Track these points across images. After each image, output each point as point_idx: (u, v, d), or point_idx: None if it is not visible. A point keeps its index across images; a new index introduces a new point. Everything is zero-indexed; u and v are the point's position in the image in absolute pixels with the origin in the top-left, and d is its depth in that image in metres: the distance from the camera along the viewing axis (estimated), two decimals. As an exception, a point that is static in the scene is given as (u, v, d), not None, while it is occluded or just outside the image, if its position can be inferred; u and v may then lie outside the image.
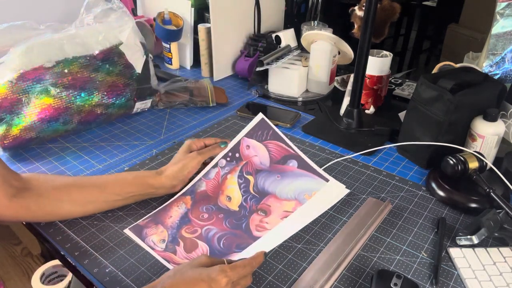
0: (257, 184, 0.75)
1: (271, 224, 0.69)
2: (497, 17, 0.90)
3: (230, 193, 0.75)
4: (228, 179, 0.76)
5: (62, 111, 0.89)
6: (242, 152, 0.77)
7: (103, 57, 0.93)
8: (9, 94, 0.83)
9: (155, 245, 0.66)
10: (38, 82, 0.85)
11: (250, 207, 0.72)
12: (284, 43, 1.26)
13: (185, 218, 0.71)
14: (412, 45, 3.32)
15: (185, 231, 0.69)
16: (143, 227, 0.69)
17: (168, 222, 0.70)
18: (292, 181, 0.74)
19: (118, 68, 0.96)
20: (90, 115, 0.94)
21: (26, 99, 0.84)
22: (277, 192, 0.73)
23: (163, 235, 0.68)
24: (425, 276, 0.61)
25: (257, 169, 0.76)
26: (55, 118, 0.89)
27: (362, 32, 0.88)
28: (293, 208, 0.71)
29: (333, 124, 1.01)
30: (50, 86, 0.86)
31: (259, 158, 0.76)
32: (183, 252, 0.65)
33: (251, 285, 0.59)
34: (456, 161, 0.74)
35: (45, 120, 0.87)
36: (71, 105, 0.90)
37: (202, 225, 0.70)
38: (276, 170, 0.76)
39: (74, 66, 0.89)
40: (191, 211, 0.72)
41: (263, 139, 0.77)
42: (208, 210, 0.72)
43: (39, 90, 0.85)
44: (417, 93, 0.84)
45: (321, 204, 0.72)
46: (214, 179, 0.76)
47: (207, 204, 0.73)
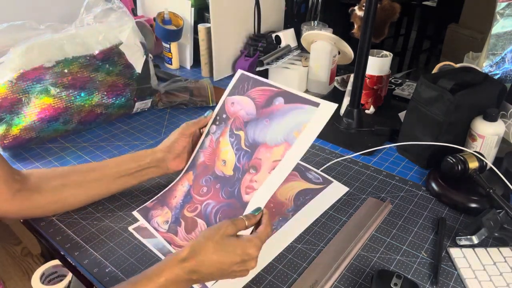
0: (248, 137, 0.71)
1: (259, 182, 0.65)
2: (497, 17, 0.90)
3: (225, 156, 0.72)
4: (221, 142, 0.74)
5: (62, 111, 0.89)
6: (228, 111, 0.75)
7: (103, 57, 0.93)
8: (9, 94, 0.83)
9: (159, 226, 0.69)
10: (38, 82, 0.85)
11: (243, 166, 0.69)
12: (284, 43, 1.26)
13: (188, 196, 0.72)
14: (412, 45, 3.32)
15: (187, 210, 0.70)
16: (150, 209, 0.72)
17: (173, 202, 0.72)
18: (281, 119, 0.69)
19: (118, 68, 0.96)
20: (90, 115, 0.94)
21: (26, 99, 0.84)
22: (267, 139, 0.69)
23: (167, 216, 0.70)
24: (425, 276, 0.61)
25: (245, 121, 0.72)
26: (55, 118, 0.89)
27: (362, 32, 0.88)
28: (282, 154, 0.66)
29: (333, 124, 1.01)
30: (50, 86, 0.86)
31: (245, 111, 0.73)
32: (184, 233, 0.66)
33: (251, 285, 0.59)
34: (456, 161, 0.74)
35: (45, 120, 0.87)
36: (71, 105, 0.90)
37: (202, 201, 0.70)
38: (263, 115, 0.71)
39: (74, 66, 0.89)
40: (193, 187, 0.73)
41: (245, 91, 0.75)
42: (207, 182, 0.72)
43: (39, 90, 0.85)
44: (417, 93, 0.84)
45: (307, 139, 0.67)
46: (209, 147, 0.75)
47: (206, 175, 0.73)
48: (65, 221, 0.71)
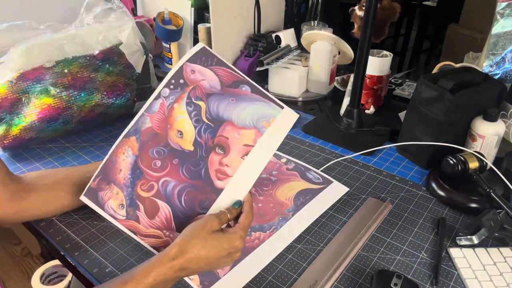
0: (210, 110, 0.65)
1: (232, 168, 0.62)
2: (497, 17, 0.90)
3: (180, 126, 0.64)
4: (175, 109, 0.64)
5: (62, 111, 0.89)
6: (186, 77, 0.66)
7: (103, 57, 0.93)
8: (9, 94, 0.83)
9: (116, 212, 0.62)
10: (38, 82, 0.85)
11: (206, 142, 0.64)
12: (284, 43, 1.26)
13: (136, 170, 0.63)
14: (412, 45, 3.32)
15: (140, 188, 0.62)
16: (96, 189, 0.62)
17: (119, 178, 0.62)
18: (248, 104, 0.66)
19: (118, 68, 0.96)
20: (90, 115, 0.94)
21: (26, 99, 0.84)
22: (234, 118, 0.65)
23: (120, 198, 0.62)
24: (425, 276, 0.61)
25: (207, 93, 0.65)
26: (55, 118, 0.89)
27: (362, 32, 0.88)
28: (253, 140, 0.64)
29: (333, 124, 1.01)
30: (50, 86, 0.86)
31: (207, 82, 0.66)
32: (146, 219, 0.61)
33: (251, 285, 0.59)
34: (456, 161, 0.74)
35: (45, 120, 0.87)
36: (71, 105, 0.90)
37: (157, 177, 0.62)
38: (229, 93, 0.66)
39: (74, 66, 0.89)
40: (141, 158, 0.63)
41: (208, 65, 0.67)
42: (160, 154, 0.63)
43: (39, 90, 0.85)
44: (417, 93, 0.84)
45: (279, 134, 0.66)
46: (159, 112, 0.64)
47: (156, 145, 0.63)
48: (65, 221, 0.71)
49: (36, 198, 0.66)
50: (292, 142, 0.95)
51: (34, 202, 0.66)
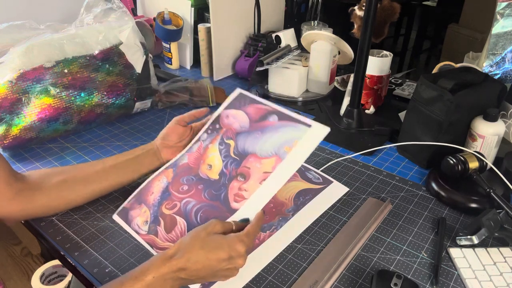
0: (238, 146, 0.72)
1: (249, 192, 0.65)
2: (497, 17, 0.90)
3: (211, 161, 0.73)
4: (209, 149, 0.74)
5: (62, 111, 0.89)
6: (222, 123, 0.77)
7: (103, 57, 0.93)
8: (9, 94, 0.83)
9: (140, 228, 0.68)
10: (38, 82, 0.85)
11: (230, 172, 0.70)
12: (284, 43, 1.26)
13: (166, 193, 0.71)
14: (412, 45, 3.32)
15: (165, 207, 0.69)
16: (128, 209, 0.71)
17: (150, 199, 0.71)
18: (273, 134, 0.71)
19: (118, 68, 0.96)
20: (90, 115, 0.94)
21: (26, 99, 0.85)
22: (257, 150, 0.70)
23: (146, 215, 0.69)
24: (425, 276, 0.61)
25: (237, 133, 0.74)
26: (55, 118, 0.89)
27: (362, 32, 0.88)
28: (273, 166, 0.67)
29: (333, 124, 1.01)
30: (50, 86, 0.86)
31: (238, 123, 0.74)
32: (164, 233, 0.66)
33: (251, 285, 0.59)
34: (456, 161, 0.74)
35: (45, 120, 0.87)
36: (71, 105, 0.90)
37: (181, 198, 0.69)
38: (256, 128, 0.73)
39: (74, 66, 0.89)
40: (172, 184, 0.72)
41: (241, 107, 0.76)
42: (189, 181, 0.71)
43: (39, 90, 0.85)
44: (417, 93, 0.84)
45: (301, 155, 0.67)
46: (196, 152, 0.75)
47: (188, 175, 0.72)
48: (65, 221, 0.71)
49: (41, 197, 0.66)
50: (292, 142, 0.95)
51: (39, 201, 0.66)
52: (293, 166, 0.66)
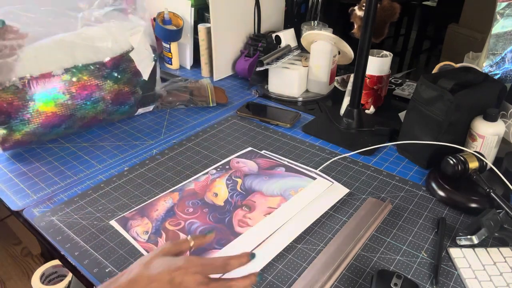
0: (245, 184, 0.79)
1: (254, 220, 0.70)
2: (497, 17, 0.90)
3: (217, 190, 0.77)
4: (216, 181, 0.80)
5: (66, 118, 0.88)
6: (232, 165, 0.85)
7: (112, 65, 0.91)
8: (15, 100, 0.81)
9: (138, 236, 0.67)
10: (45, 90, 0.83)
11: (235, 202, 0.74)
12: (284, 43, 1.26)
13: (171, 212, 0.73)
14: (412, 45, 3.32)
15: (169, 223, 0.70)
16: (128, 219, 0.71)
17: (153, 215, 0.72)
18: (279, 180, 0.79)
19: (126, 76, 0.94)
20: (92, 121, 0.94)
21: (31, 106, 0.83)
22: (264, 189, 0.77)
23: (147, 226, 0.69)
24: (425, 276, 0.61)
25: (245, 174, 0.82)
26: (58, 125, 0.88)
27: (362, 32, 0.88)
28: (278, 204, 0.73)
29: (333, 124, 1.01)
30: (57, 95, 0.84)
31: (248, 168, 0.84)
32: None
33: (252, 286, 0.59)
34: (456, 161, 0.74)
35: (48, 126, 0.87)
36: (75, 113, 0.89)
37: (186, 219, 0.71)
38: (264, 174, 0.82)
39: (83, 75, 0.87)
40: (177, 205, 0.74)
41: (251, 158, 0.87)
42: (194, 204, 0.74)
43: (46, 98, 0.84)
44: (417, 93, 0.84)
45: (306, 199, 0.74)
46: (203, 182, 0.80)
47: (193, 199, 0.76)
48: (65, 221, 0.71)
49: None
50: (292, 142, 0.95)
51: None
52: (297, 206, 0.72)
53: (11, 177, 0.83)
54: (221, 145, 0.94)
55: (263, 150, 0.90)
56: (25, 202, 0.76)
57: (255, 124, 1.03)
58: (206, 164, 0.87)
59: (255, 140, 0.96)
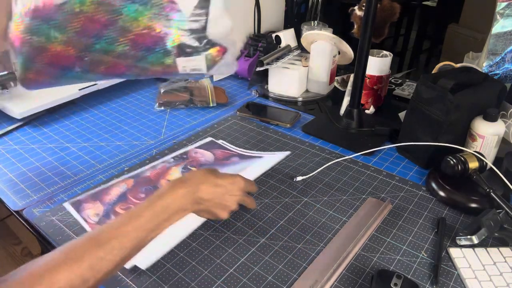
0: None
1: None
2: (497, 17, 0.90)
3: (171, 177, 0.81)
4: (172, 170, 0.84)
5: (76, 60, 0.68)
6: (189, 155, 0.89)
7: None
8: (18, 34, 0.65)
9: (89, 218, 0.71)
10: (45, 22, 0.64)
11: None
12: (284, 43, 1.26)
13: (123, 197, 0.76)
14: (412, 45, 3.32)
15: (119, 207, 0.73)
16: (82, 201, 0.75)
17: (106, 199, 0.75)
18: (231, 166, 0.85)
19: (154, 9, 0.68)
20: (116, 67, 0.71)
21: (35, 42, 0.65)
22: None
23: (99, 209, 0.73)
24: (425, 276, 0.61)
25: (201, 164, 0.86)
26: (69, 67, 0.69)
27: (362, 32, 0.88)
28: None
29: (333, 124, 1.01)
30: (55, 30, 0.65)
31: (204, 158, 0.88)
32: None
33: (251, 285, 0.59)
34: (456, 161, 0.74)
35: (57, 67, 0.68)
36: (85, 54, 0.68)
37: (136, 203, 0.74)
38: (218, 163, 0.86)
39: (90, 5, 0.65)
40: (130, 191, 0.78)
41: (209, 149, 0.91)
42: (147, 190, 0.78)
43: (46, 33, 0.65)
44: (417, 93, 0.84)
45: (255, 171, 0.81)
46: (159, 169, 0.84)
47: (147, 185, 0.79)
48: (65, 221, 0.71)
49: None
50: (292, 142, 0.95)
51: None
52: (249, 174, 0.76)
53: (11, 177, 0.83)
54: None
55: (220, 140, 0.94)
56: (25, 202, 0.76)
57: (255, 124, 1.03)
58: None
59: (255, 140, 0.96)
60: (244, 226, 0.70)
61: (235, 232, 0.69)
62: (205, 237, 0.68)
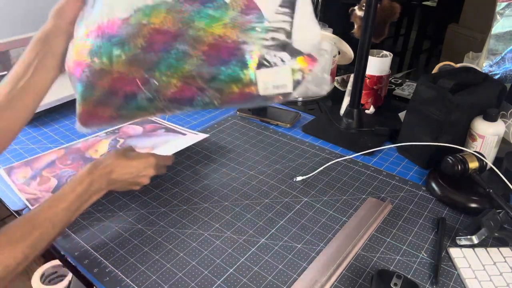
0: (125, 142, 0.92)
1: None
2: (497, 17, 0.91)
3: (99, 147, 0.90)
4: (102, 141, 0.93)
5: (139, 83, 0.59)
6: (121, 129, 0.98)
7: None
8: (81, 57, 0.58)
9: (17, 179, 0.80)
10: (108, 40, 0.56)
11: (111, 149, 0.89)
12: (284, 43, 1.26)
13: (51, 164, 0.85)
14: (412, 45, 3.32)
15: (46, 171, 0.82)
16: (14, 167, 0.84)
17: (35, 166, 0.84)
18: (156, 138, 0.93)
19: (230, 14, 0.55)
20: (183, 90, 0.59)
21: (94, 64, 0.58)
22: (139, 145, 0.90)
23: (27, 173, 0.82)
24: (425, 276, 0.61)
25: (129, 136, 0.95)
26: (133, 94, 0.59)
27: (362, 32, 0.89)
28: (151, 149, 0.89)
29: (333, 124, 1.01)
30: (118, 47, 0.56)
31: (134, 131, 0.97)
32: (35, 185, 0.78)
33: (251, 285, 0.59)
34: (456, 161, 0.74)
35: (120, 95, 0.60)
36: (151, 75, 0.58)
37: (62, 168, 0.84)
38: (146, 135, 0.95)
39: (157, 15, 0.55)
40: (59, 159, 0.86)
41: (143, 123, 0.99)
42: (74, 159, 0.87)
43: (107, 52, 0.57)
44: (417, 93, 0.84)
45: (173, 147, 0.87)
46: (90, 142, 0.93)
47: (75, 154, 0.88)
48: (65, 221, 0.71)
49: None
50: (292, 142, 0.95)
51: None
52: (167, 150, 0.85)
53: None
54: (221, 145, 0.94)
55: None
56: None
57: (255, 124, 1.03)
58: (206, 164, 0.87)
59: (255, 140, 0.96)
60: (244, 226, 0.70)
61: (235, 232, 0.69)
62: (205, 237, 0.68)
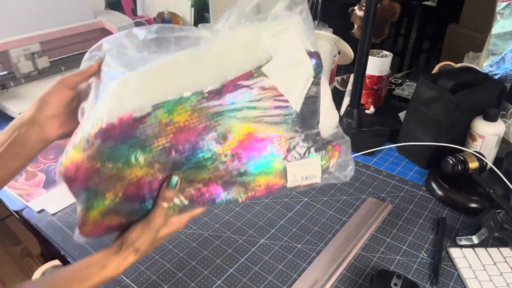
0: None
1: None
2: (497, 17, 0.91)
3: None
4: None
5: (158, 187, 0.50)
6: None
7: (232, 89, 0.48)
8: (85, 162, 0.46)
9: None
10: (123, 142, 0.46)
11: None
12: (284, 43, 1.26)
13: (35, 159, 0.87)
14: (412, 45, 3.32)
15: (30, 167, 0.84)
16: None
17: None
18: None
19: (259, 108, 0.50)
20: (208, 189, 0.52)
21: (105, 169, 0.47)
22: None
23: None
24: (425, 276, 0.61)
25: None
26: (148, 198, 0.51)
27: (362, 32, 0.88)
28: None
29: (333, 124, 1.01)
30: (139, 150, 0.47)
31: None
32: (24, 181, 0.81)
33: (251, 285, 0.59)
34: (456, 161, 0.74)
35: (133, 200, 0.51)
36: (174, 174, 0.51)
37: (46, 163, 0.85)
38: None
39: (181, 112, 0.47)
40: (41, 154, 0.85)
41: None
42: (56, 153, 0.89)
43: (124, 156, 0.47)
44: (417, 93, 0.84)
45: None
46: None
47: (56, 148, 0.89)
48: (65, 221, 0.71)
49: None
50: (292, 142, 0.95)
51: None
52: None
53: (11, 177, 0.83)
54: (221, 145, 0.94)
55: None
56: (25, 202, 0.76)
57: (255, 124, 1.03)
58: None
59: (255, 140, 0.96)
60: (244, 226, 0.70)
61: (235, 232, 0.69)
62: (205, 237, 0.68)
